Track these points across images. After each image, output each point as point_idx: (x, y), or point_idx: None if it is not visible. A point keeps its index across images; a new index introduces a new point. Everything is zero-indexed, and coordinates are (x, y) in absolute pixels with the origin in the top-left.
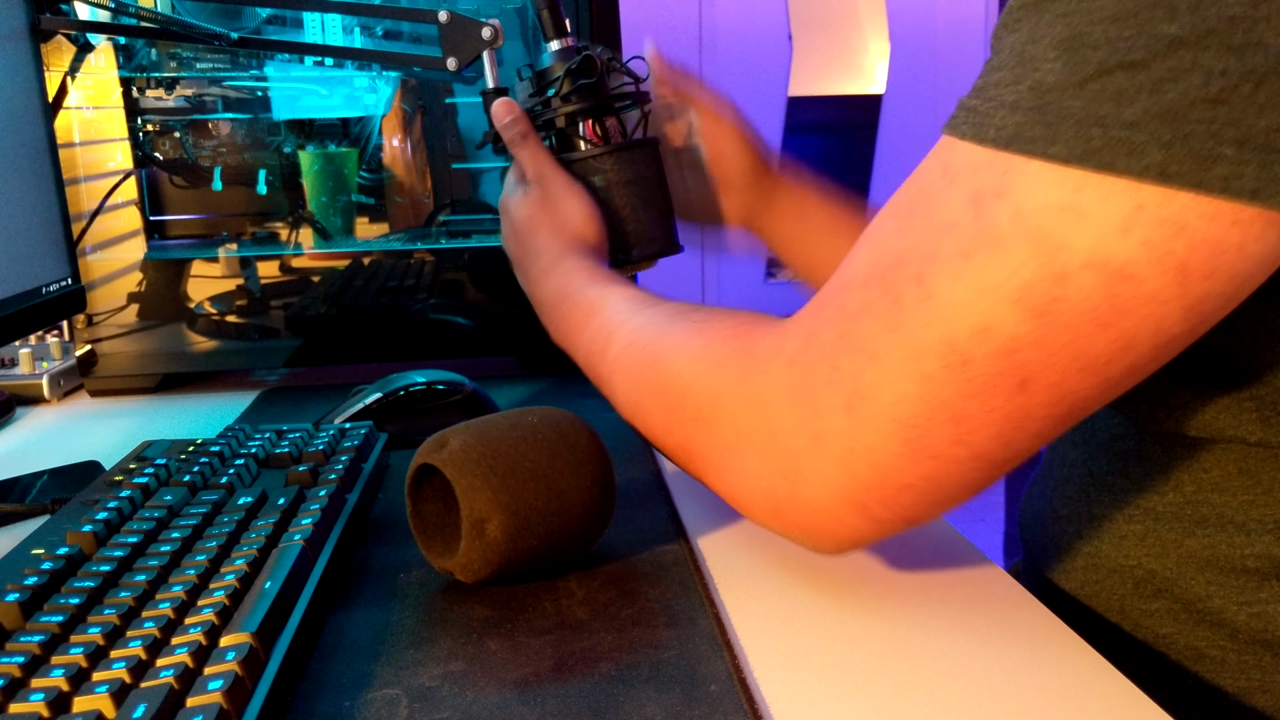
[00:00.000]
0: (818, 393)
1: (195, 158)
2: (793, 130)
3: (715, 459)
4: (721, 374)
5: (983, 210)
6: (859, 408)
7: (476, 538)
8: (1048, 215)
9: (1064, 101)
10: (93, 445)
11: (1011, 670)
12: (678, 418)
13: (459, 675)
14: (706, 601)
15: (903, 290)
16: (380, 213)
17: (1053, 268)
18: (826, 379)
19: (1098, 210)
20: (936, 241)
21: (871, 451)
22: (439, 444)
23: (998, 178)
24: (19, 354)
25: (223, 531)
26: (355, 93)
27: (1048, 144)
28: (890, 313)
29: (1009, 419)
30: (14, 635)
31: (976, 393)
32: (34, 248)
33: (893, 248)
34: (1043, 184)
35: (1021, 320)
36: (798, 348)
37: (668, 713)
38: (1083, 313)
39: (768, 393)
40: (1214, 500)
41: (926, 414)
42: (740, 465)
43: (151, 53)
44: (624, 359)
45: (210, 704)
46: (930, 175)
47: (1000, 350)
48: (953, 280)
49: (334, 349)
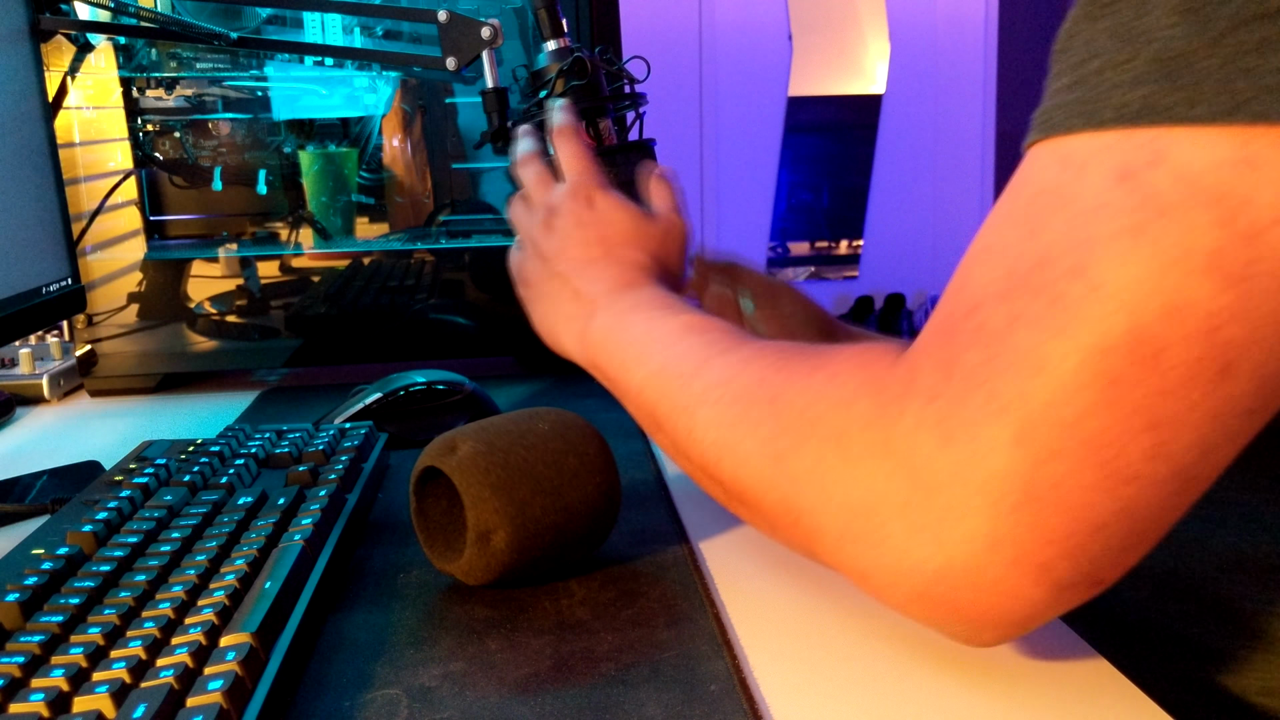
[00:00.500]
0: (974, 429)
1: (195, 158)
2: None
3: (835, 524)
4: (850, 414)
5: (1138, 183)
6: (1033, 437)
7: (481, 547)
8: (1220, 173)
9: (1197, 63)
10: (93, 445)
11: (1011, 670)
12: (786, 470)
13: (459, 675)
14: (706, 601)
15: (1060, 287)
16: (380, 213)
17: (1239, 227)
18: (983, 410)
19: (1272, 159)
20: (1088, 227)
21: (1057, 489)
22: (447, 447)
23: (1142, 149)
24: (19, 354)
25: (223, 531)
26: (355, 93)
27: (1188, 107)
28: (1051, 315)
29: (1210, 417)
30: (14, 635)
31: (1175, 388)
32: (34, 248)
33: (1026, 252)
34: (1203, 144)
35: (1217, 291)
36: (936, 380)
37: (668, 713)
38: (1278, 272)
39: (908, 438)
40: (1235, 500)
41: (1120, 424)
42: (872, 532)
43: (151, 53)
44: (723, 389)
45: (210, 704)
46: (1044, 176)
47: (1197, 331)
48: (1123, 261)
49: (334, 349)
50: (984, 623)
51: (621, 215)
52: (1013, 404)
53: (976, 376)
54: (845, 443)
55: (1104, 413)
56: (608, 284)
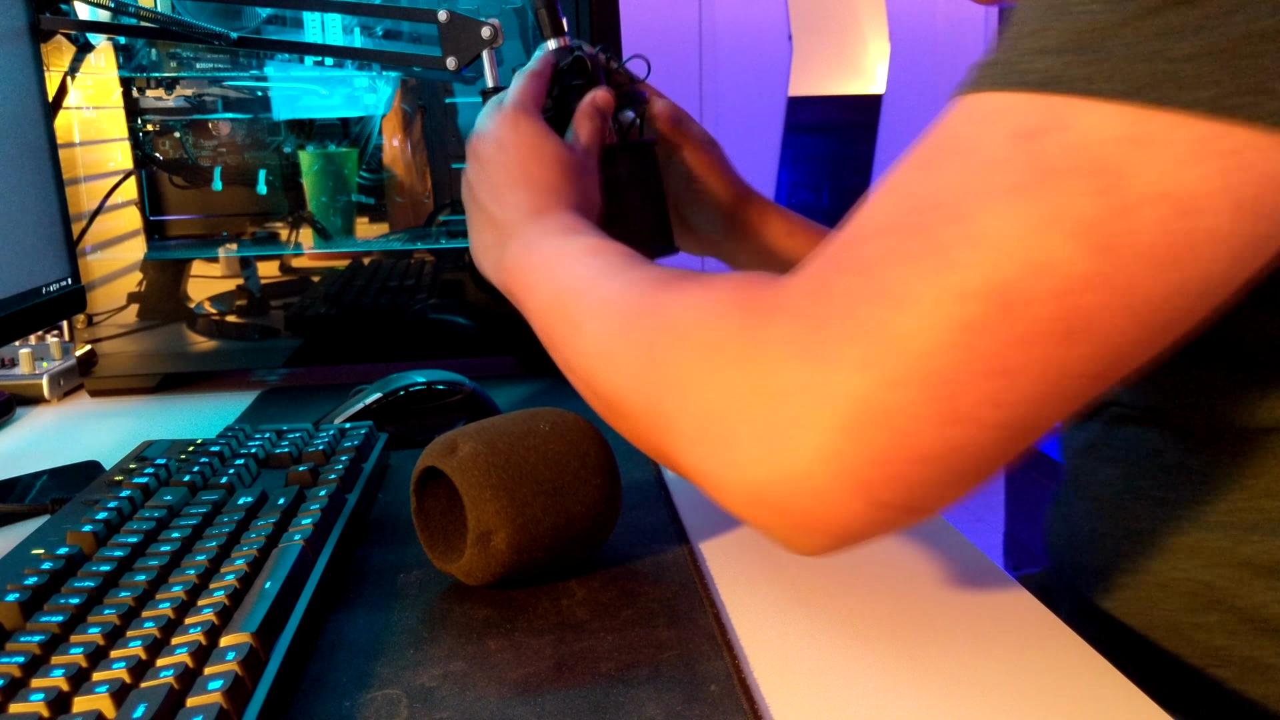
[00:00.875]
0: (827, 348)
1: (195, 158)
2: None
3: (690, 426)
4: (719, 325)
5: (1032, 144)
6: (880, 362)
7: (482, 548)
8: (1107, 148)
9: (1108, 41)
10: (93, 445)
11: (1011, 671)
12: (654, 375)
13: (459, 675)
14: (706, 601)
15: (939, 230)
16: (380, 213)
17: (1114, 200)
18: (839, 331)
19: (1159, 141)
20: (977, 178)
21: (890, 415)
22: (448, 448)
23: (1045, 114)
24: (19, 354)
25: (223, 531)
26: (355, 93)
27: (1089, 81)
28: (924, 256)
29: (1048, 374)
30: (14, 635)
31: (1021, 342)
32: (34, 248)
33: (920, 191)
34: (1098, 117)
35: (1079, 258)
36: (806, 300)
37: (668, 713)
38: (1140, 251)
39: (769, 348)
40: (1264, 506)
41: (962, 367)
42: (721, 435)
43: (151, 53)
44: (613, 304)
45: (210, 704)
46: (956, 123)
47: (1054, 291)
48: (999, 216)
49: (334, 349)
50: (806, 530)
51: (539, 141)
52: (870, 331)
53: (844, 302)
54: (711, 351)
55: (951, 353)
56: (521, 211)
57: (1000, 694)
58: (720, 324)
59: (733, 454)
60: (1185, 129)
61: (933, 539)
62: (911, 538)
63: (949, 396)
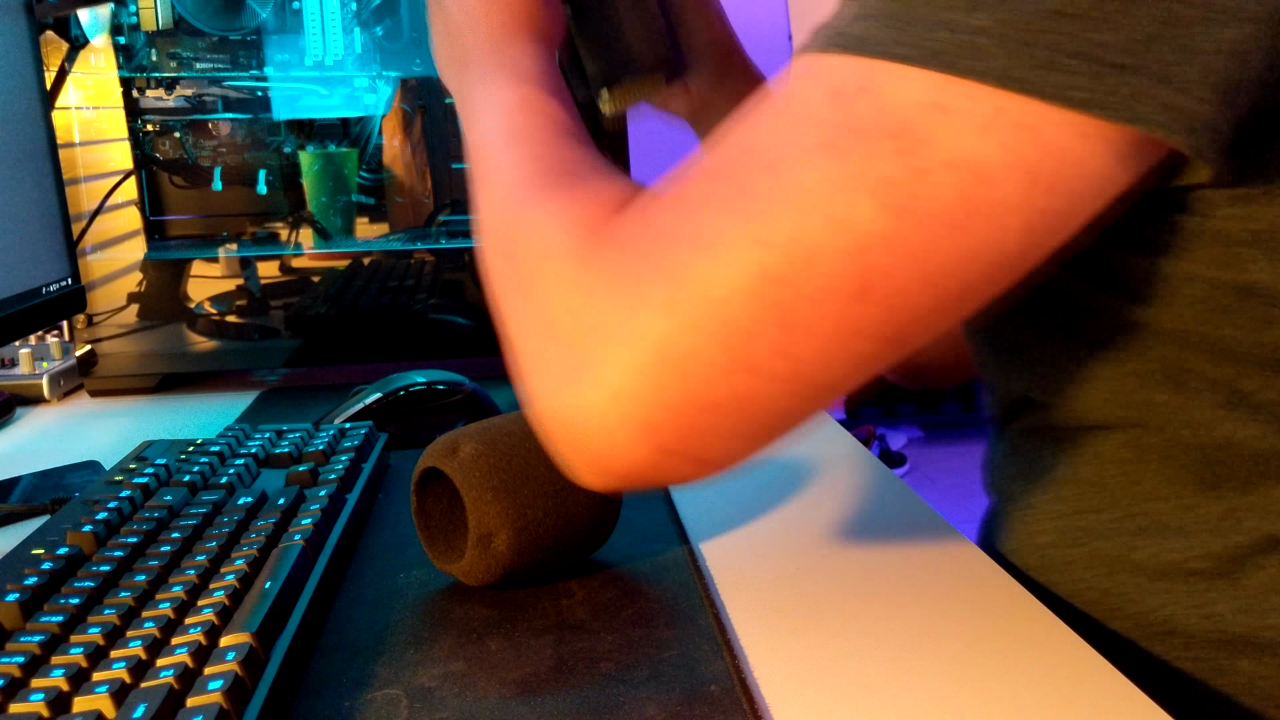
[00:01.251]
0: (640, 285)
1: (195, 158)
2: None
3: (519, 334)
4: (561, 241)
5: (844, 103)
6: (683, 304)
7: (483, 549)
8: (912, 111)
9: (914, 9)
10: (93, 445)
11: (1012, 670)
12: (506, 269)
13: (459, 675)
14: (706, 601)
15: (752, 178)
16: (380, 213)
17: (913, 161)
18: (654, 269)
19: (960, 109)
20: (793, 132)
21: (685, 359)
22: (449, 448)
23: (859, 75)
24: (19, 354)
25: (223, 531)
26: (355, 93)
27: (894, 45)
28: (736, 201)
29: (839, 331)
30: (14, 635)
31: (816, 295)
32: (34, 248)
33: (743, 141)
34: (906, 82)
35: (877, 215)
36: (633, 231)
37: (668, 713)
38: (936, 213)
39: (590, 277)
40: (1150, 509)
41: (757, 314)
42: (537, 354)
43: (152, 52)
44: (500, 176)
45: (210, 704)
46: (785, 81)
47: (850, 248)
48: (808, 169)
49: (334, 349)
50: (592, 467)
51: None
52: (677, 272)
53: (661, 239)
54: (547, 266)
55: (747, 299)
56: (489, 30)
57: (1000, 694)
58: (562, 241)
59: (542, 376)
60: (985, 99)
61: (933, 539)
62: (911, 538)
63: (741, 345)
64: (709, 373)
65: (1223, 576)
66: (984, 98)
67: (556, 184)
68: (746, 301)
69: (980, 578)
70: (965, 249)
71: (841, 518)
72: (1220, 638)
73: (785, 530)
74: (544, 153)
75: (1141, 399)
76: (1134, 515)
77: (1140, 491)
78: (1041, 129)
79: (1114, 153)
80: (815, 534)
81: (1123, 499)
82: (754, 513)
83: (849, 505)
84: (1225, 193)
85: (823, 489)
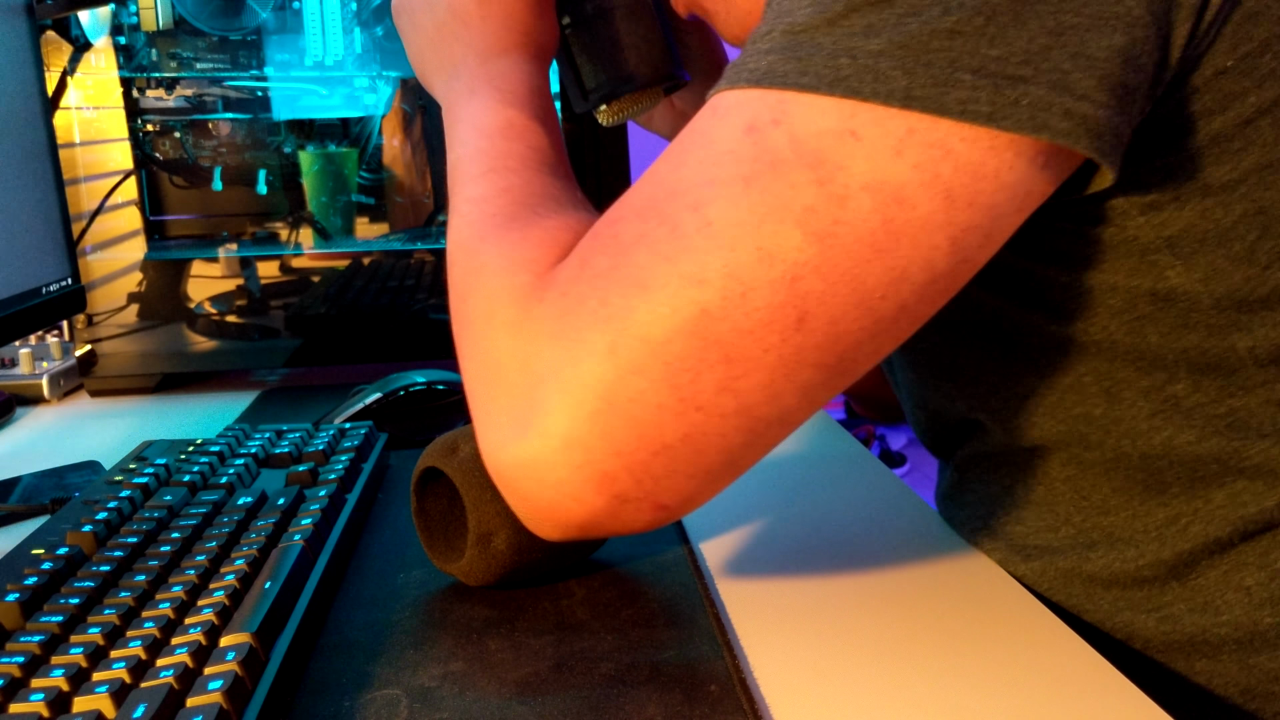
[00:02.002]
0: (581, 332)
1: (195, 158)
2: None
3: (470, 377)
4: (509, 285)
5: (760, 137)
6: (624, 349)
7: (482, 549)
8: (825, 140)
9: (815, 39)
10: (93, 445)
11: (1011, 670)
12: (460, 307)
13: (459, 675)
14: (706, 601)
15: (680, 218)
16: (380, 213)
17: (833, 189)
18: (593, 315)
19: (871, 134)
20: (714, 169)
21: (632, 403)
22: (449, 448)
23: (770, 108)
24: (19, 354)
25: (223, 531)
26: (355, 93)
27: (799, 75)
28: (667, 241)
29: (782, 362)
30: (14, 635)
31: (754, 328)
32: (34, 248)
33: (668, 180)
34: (817, 111)
35: (804, 244)
36: (571, 276)
37: (668, 713)
38: (860, 237)
39: (534, 324)
40: (1101, 524)
41: (699, 353)
42: (487, 400)
43: (152, 52)
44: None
45: (210, 704)
46: (699, 121)
47: (782, 278)
48: (732, 204)
49: (334, 349)
50: (547, 519)
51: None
52: (616, 316)
53: (598, 282)
54: (494, 308)
55: (687, 339)
56: (483, 41)
57: (1000, 694)
58: (510, 286)
59: (491, 427)
60: (894, 121)
61: (932, 539)
62: (911, 538)
63: (687, 384)
64: (657, 415)
65: (1175, 579)
66: (893, 120)
67: (515, 222)
68: (687, 341)
69: (979, 577)
70: (895, 270)
71: (841, 518)
72: (1176, 639)
73: (785, 530)
74: (515, 184)
75: (1079, 413)
76: (1085, 530)
77: (1089, 506)
78: (953, 146)
79: (1027, 163)
80: (815, 534)
81: (1074, 516)
82: (754, 513)
83: (849, 505)
84: (1136, 200)
85: (823, 489)
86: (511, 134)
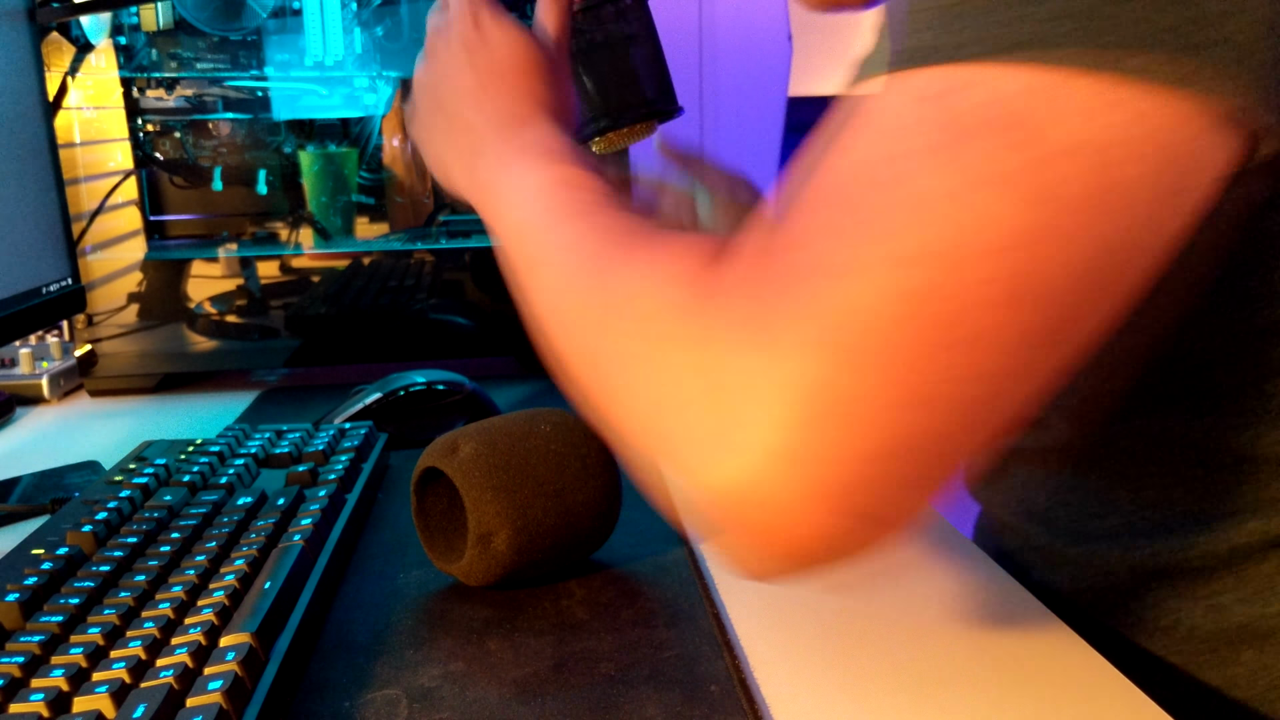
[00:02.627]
0: (776, 327)
1: (195, 158)
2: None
3: (636, 412)
4: (667, 299)
5: (940, 105)
6: (831, 338)
7: (482, 549)
8: (1017, 102)
9: (971, 11)
10: (93, 445)
11: (1012, 670)
12: (601, 344)
13: (459, 675)
14: (706, 601)
15: (865, 199)
16: (380, 213)
17: (1034, 152)
18: (787, 309)
19: (1063, 97)
20: (895, 143)
21: (848, 401)
22: (449, 448)
23: (948, 78)
24: (19, 354)
25: (222, 531)
26: (355, 93)
27: (974, 44)
28: (856, 226)
29: (1004, 341)
30: (14, 635)
31: (970, 305)
32: (34, 248)
33: (841, 166)
34: (1000, 76)
35: (1014, 211)
36: (748, 275)
37: (668, 713)
38: (1069, 201)
39: (715, 332)
40: (1152, 516)
41: (916, 338)
42: (667, 430)
43: (152, 53)
44: (566, 252)
45: (210, 704)
46: (855, 105)
47: (992, 248)
48: (925, 176)
49: (334, 349)
50: (767, 545)
51: (513, 38)
52: (820, 310)
53: (785, 277)
54: (656, 328)
55: (901, 326)
56: (500, 119)
57: (1000, 694)
58: (668, 299)
59: (683, 452)
60: (1082, 83)
61: (933, 539)
62: (911, 538)
63: (907, 376)
64: (878, 414)
65: (1226, 568)
66: (1080, 82)
67: (636, 249)
68: (900, 326)
69: (980, 577)
70: (1103, 236)
71: None
72: (1224, 628)
73: None
74: (606, 222)
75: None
76: (1135, 520)
77: (1142, 500)
78: (1143, 109)
79: (1213, 127)
80: None
81: (1126, 505)
82: None
83: None
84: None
85: None
86: (572, 184)
